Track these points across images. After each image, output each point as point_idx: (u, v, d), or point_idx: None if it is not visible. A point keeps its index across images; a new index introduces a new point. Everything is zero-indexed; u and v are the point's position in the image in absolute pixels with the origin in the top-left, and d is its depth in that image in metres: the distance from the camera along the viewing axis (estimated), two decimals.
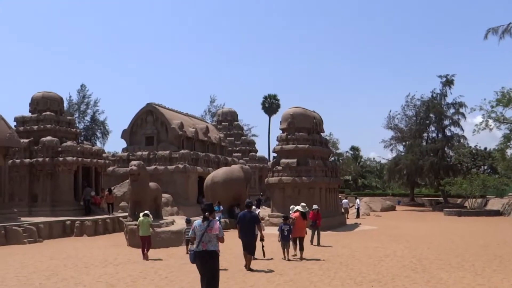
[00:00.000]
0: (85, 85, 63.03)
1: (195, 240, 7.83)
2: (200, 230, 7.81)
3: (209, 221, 7.84)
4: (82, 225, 22.04)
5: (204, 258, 7.71)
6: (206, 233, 7.74)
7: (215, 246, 7.83)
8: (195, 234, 7.86)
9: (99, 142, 62.08)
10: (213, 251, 7.77)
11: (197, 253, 7.77)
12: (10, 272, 11.92)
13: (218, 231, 7.86)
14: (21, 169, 25.33)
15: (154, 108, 35.23)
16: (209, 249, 7.73)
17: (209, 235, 7.76)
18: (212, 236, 7.77)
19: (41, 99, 27.10)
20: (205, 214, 7.95)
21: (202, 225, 7.85)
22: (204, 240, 7.73)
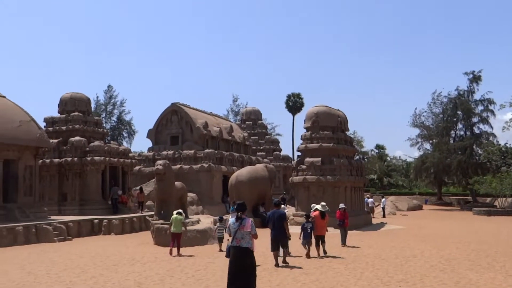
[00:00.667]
0: (112, 85, 64.10)
1: (230, 236, 8.42)
2: (234, 228, 8.35)
3: (242, 219, 8.35)
4: (109, 223, 22.41)
5: (237, 254, 8.23)
6: (239, 230, 8.25)
7: (248, 243, 8.28)
8: (230, 231, 8.44)
9: (125, 142, 63.01)
10: (246, 248, 8.25)
11: (232, 248, 8.36)
12: (42, 270, 12.21)
13: (250, 229, 8.33)
14: (51, 169, 25.91)
15: (179, 107, 35.56)
16: (242, 246, 8.23)
17: (242, 232, 8.26)
18: (245, 233, 8.26)
19: (69, 100, 27.66)
20: (238, 213, 8.45)
21: (235, 223, 8.37)
22: (237, 237, 8.27)
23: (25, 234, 18.61)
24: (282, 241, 12.78)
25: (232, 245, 8.37)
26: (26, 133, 21.68)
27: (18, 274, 11.61)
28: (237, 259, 8.20)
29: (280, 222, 12.74)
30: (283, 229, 12.76)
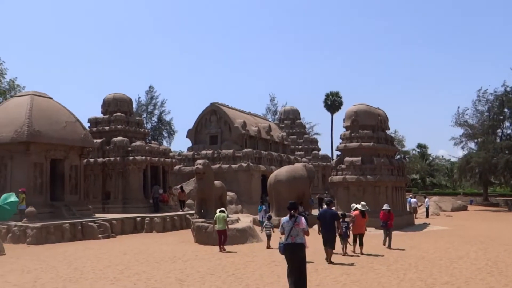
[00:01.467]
0: (153, 86, 65.37)
1: (284, 234, 9.00)
2: (288, 226, 8.95)
3: (296, 217, 8.97)
4: (151, 221, 22.84)
5: (292, 250, 8.84)
6: (294, 227, 8.87)
7: (302, 239, 8.91)
8: (284, 229, 9.02)
9: (166, 142, 64.13)
10: (300, 243, 8.88)
11: (287, 245, 8.92)
12: (87, 266, 12.58)
13: (304, 226, 8.97)
14: (95, 168, 26.65)
15: (218, 107, 35.89)
16: (297, 242, 8.84)
17: (296, 229, 8.87)
18: (299, 230, 8.88)
19: (112, 100, 28.38)
20: (291, 212, 9.07)
21: (289, 221, 8.98)
22: (292, 234, 8.86)
23: (71, 231, 19.22)
24: (333, 239, 13.35)
25: (286, 242, 8.92)
26: (71, 134, 22.38)
27: (66, 270, 12.00)
28: (292, 254, 8.84)
29: (332, 221, 13.38)
30: (334, 228, 13.44)
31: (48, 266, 12.64)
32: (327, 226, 13.33)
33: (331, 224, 13.37)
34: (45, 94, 23.45)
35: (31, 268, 12.33)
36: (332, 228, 13.38)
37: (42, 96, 22.92)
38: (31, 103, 21.50)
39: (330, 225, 13.35)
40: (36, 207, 19.47)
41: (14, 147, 20.85)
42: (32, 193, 20.56)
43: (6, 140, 20.68)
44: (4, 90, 42.34)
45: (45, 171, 21.48)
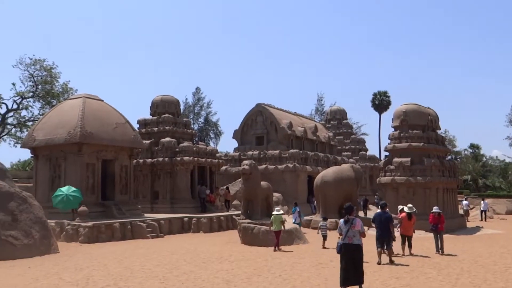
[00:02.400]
0: (199, 88, 66.24)
1: (341, 235, 9.54)
2: (345, 227, 9.48)
3: (352, 219, 9.52)
4: (198, 222, 23.12)
5: (349, 250, 9.36)
6: (350, 229, 9.40)
7: (359, 240, 9.47)
8: (341, 231, 9.55)
9: (212, 143, 64.79)
10: (357, 244, 9.43)
11: (344, 245, 9.43)
12: (137, 265, 12.85)
13: (360, 227, 9.49)
14: (144, 169, 27.27)
15: (264, 108, 35.96)
16: (354, 243, 9.40)
17: (353, 231, 9.41)
18: (356, 231, 9.42)
19: (160, 102, 28.98)
20: (347, 215, 9.62)
21: (347, 223, 9.51)
22: (349, 235, 9.41)
23: (121, 230, 19.73)
24: (387, 241, 13.58)
25: (344, 243, 9.44)
26: (122, 135, 22.99)
27: (116, 268, 12.31)
28: (349, 254, 9.34)
29: (387, 223, 13.67)
30: (389, 230, 13.64)
31: (100, 264, 13.01)
32: (382, 228, 13.63)
33: (386, 227, 13.64)
34: (97, 96, 24.20)
35: (84, 266, 12.72)
36: (386, 231, 13.64)
37: (94, 99, 23.66)
38: (83, 105, 22.23)
39: (384, 228, 13.63)
40: (88, 206, 20.15)
41: (68, 148, 21.63)
42: (84, 193, 21.25)
43: (60, 141, 21.48)
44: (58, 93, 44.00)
45: (96, 171, 22.17)
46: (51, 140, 21.78)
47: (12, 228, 14.44)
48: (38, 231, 15.08)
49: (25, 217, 14.98)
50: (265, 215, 19.80)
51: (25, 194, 15.76)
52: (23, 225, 14.77)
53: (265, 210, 20.09)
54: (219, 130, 66.25)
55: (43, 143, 22.06)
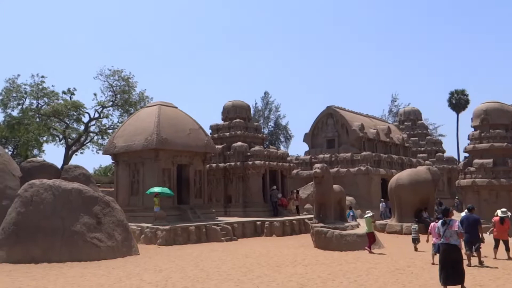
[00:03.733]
0: (268, 92, 66.78)
1: (439, 236, 10.22)
2: (443, 228, 10.02)
3: (449, 221, 10.04)
4: (271, 225, 23.24)
5: (447, 250, 9.86)
6: (447, 230, 9.92)
7: (456, 241, 9.89)
8: (439, 231, 10.15)
9: (283, 146, 64.98)
10: (454, 244, 9.86)
11: (441, 245, 10.02)
12: (212, 267, 13.14)
13: (457, 228, 9.94)
14: (217, 173, 27.86)
15: (334, 110, 35.57)
16: (451, 243, 9.86)
17: (450, 231, 9.89)
18: (453, 232, 9.88)
19: (231, 107, 29.51)
20: (444, 217, 10.23)
21: (444, 224, 10.04)
22: (446, 235, 9.93)
23: (196, 233, 20.26)
24: (476, 244, 13.66)
25: (442, 243, 10.00)
26: (195, 140, 23.66)
27: (193, 271, 12.66)
28: (447, 254, 9.82)
29: (475, 226, 13.77)
30: (477, 232, 13.72)
31: (177, 266, 13.43)
32: (470, 231, 13.58)
33: (474, 229, 13.71)
34: (171, 103, 25.07)
35: (162, 267, 13.20)
36: (474, 233, 13.69)
37: (168, 106, 24.53)
38: (159, 112, 23.11)
39: (472, 230, 13.66)
40: (165, 210, 20.91)
41: (145, 154, 22.57)
42: (161, 197, 22.07)
43: (138, 148, 22.46)
44: (135, 102, 46.10)
45: (172, 176, 22.94)
46: (130, 146, 22.83)
47: (96, 230, 15.26)
48: (120, 233, 15.83)
49: (108, 220, 15.79)
50: (338, 219, 19.54)
51: (108, 198, 16.60)
52: (106, 227, 15.57)
53: (338, 214, 19.81)
54: (289, 133, 66.41)
55: (122, 150, 23.18)
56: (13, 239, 14.42)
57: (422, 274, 11.92)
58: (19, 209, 14.91)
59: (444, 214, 10.38)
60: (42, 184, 15.47)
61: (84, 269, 12.92)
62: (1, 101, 42.83)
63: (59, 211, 14.96)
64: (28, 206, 14.90)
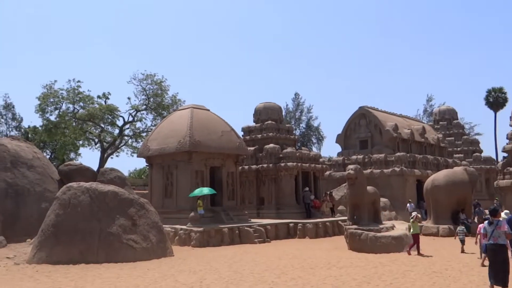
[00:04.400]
0: (298, 93, 66.53)
1: (487, 236, 10.12)
2: (490, 228, 10.03)
3: (497, 221, 10.07)
4: (304, 227, 23.12)
5: (494, 250, 9.92)
6: (495, 230, 9.94)
7: (504, 241, 9.90)
8: (486, 231, 10.14)
9: (315, 148, 64.62)
10: (502, 244, 9.89)
11: (489, 245, 10.04)
12: (246, 269, 13.16)
13: (506, 229, 9.96)
14: (249, 175, 27.92)
15: (367, 111, 35.15)
16: (499, 243, 9.89)
17: (498, 231, 9.92)
18: (501, 232, 9.92)
19: (263, 109, 29.54)
20: (492, 217, 10.25)
21: (491, 225, 10.06)
22: (494, 235, 9.95)
23: (230, 235, 20.35)
24: None
25: (489, 243, 10.02)
26: (227, 142, 23.79)
27: (227, 272, 12.71)
28: (494, 253, 9.89)
29: None
30: None
31: (211, 268, 13.51)
32: None
33: None
34: (203, 106, 25.29)
35: (197, 269, 13.30)
36: None
37: (201, 109, 24.76)
38: (191, 115, 23.35)
39: None
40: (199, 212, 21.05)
41: (179, 156, 22.82)
42: (194, 199, 22.26)
43: (172, 150, 22.74)
44: (168, 105, 46.74)
45: (205, 178, 23.12)
46: (163, 149, 23.14)
47: (132, 232, 15.51)
48: (155, 235, 16.05)
49: (143, 222, 16.02)
50: (372, 220, 19.28)
51: (143, 201, 16.86)
52: (141, 229, 15.81)
53: (372, 216, 19.55)
54: (321, 134, 65.98)
55: (156, 152, 23.52)
56: (52, 241, 14.81)
57: (460, 277, 11.63)
58: (57, 211, 15.30)
59: (492, 214, 10.37)
60: (80, 187, 15.84)
61: (120, 270, 13.15)
62: (39, 106, 44.13)
63: (95, 213, 15.29)
64: (66, 209, 15.28)
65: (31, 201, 19.35)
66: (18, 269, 13.62)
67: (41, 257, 14.60)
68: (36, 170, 20.40)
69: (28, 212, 19.01)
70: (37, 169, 20.48)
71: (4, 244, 17.35)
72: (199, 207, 21.07)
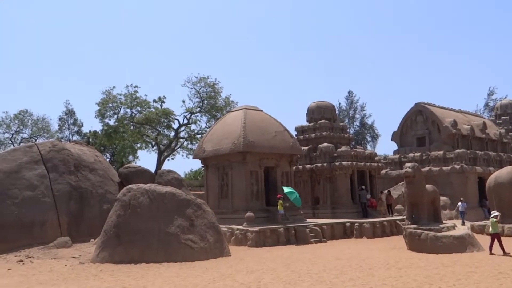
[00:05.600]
0: (352, 91, 65.62)
1: None
2: None
3: None
4: (361, 227, 22.76)
5: None
6: None
7: None
8: None
9: (369, 146, 63.54)
10: None
11: None
12: (303, 269, 13.11)
13: None
14: (303, 174, 27.80)
15: (424, 107, 34.18)
16: None
17: None
18: None
19: (316, 108, 29.34)
20: None
21: None
22: None
23: (285, 235, 20.36)
24: None
25: None
26: (281, 142, 23.79)
27: (284, 272, 12.71)
28: None
29: None
30: None
31: (268, 267, 13.55)
32: None
33: None
34: (256, 107, 25.42)
35: (254, 269, 13.38)
36: None
37: (253, 109, 24.90)
38: (245, 116, 23.53)
39: None
40: (253, 212, 21.20)
41: (233, 157, 23.06)
42: (250, 199, 22.43)
43: (226, 151, 23.02)
44: (221, 107, 47.39)
45: (260, 178, 23.22)
46: (218, 150, 23.46)
47: (190, 232, 15.83)
48: (212, 235, 16.30)
49: (200, 222, 16.31)
50: (432, 220, 18.70)
51: (199, 201, 17.16)
52: (199, 229, 16.10)
53: (432, 215, 18.97)
54: (376, 132, 64.79)
55: (211, 154, 23.88)
56: (114, 241, 15.36)
57: None
58: (118, 212, 15.85)
59: None
60: (139, 188, 16.33)
61: (180, 270, 13.45)
62: (99, 111, 45.93)
63: (154, 214, 15.72)
64: (126, 210, 15.80)
65: (93, 202, 20.13)
66: (83, 268, 14.22)
67: (104, 257, 15.16)
68: (98, 173, 21.20)
69: (91, 213, 19.79)
70: (98, 172, 21.28)
71: (70, 244, 18.15)
72: (279, 207, 21.75)
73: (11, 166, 19.34)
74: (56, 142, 22.54)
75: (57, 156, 20.42)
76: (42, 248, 17.58)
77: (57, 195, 19.36)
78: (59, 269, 13.93)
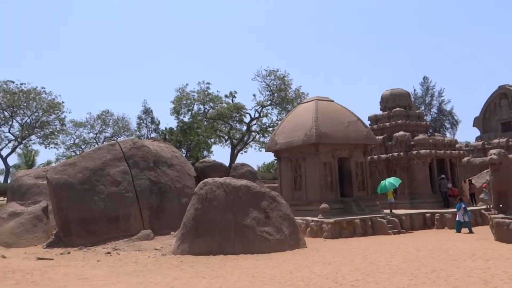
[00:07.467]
0: (427, 77, 62.94)
1: None
2: None
3: None
4: (442, 217, 21.83)
5: None
6: None
7: None
8: None
9: (449, 133, 60.79)
10: None
11: None
12: (382, 261, 12.75)
13: None
14: (378, 164, 27.08)
15: (509, 90, 32.18)
16: None
17: None
18: None
19: (390, 96, 28.43)
20: None
21: None
22: None
23: (362, 226, 19.94)
24: None
25: None
26: (354, 132, 23.30)
27: (362, 263, 12.44)
28: None
29: None
30: None
31: (346, 259, 13.33)
32: None
33: None
34: (327, 97, 25.05)
35: (331, 260, 13.22)
36: None
37: (325, 100, 24.55)
38: (316, 107, 23.27)
39: None
40: (328, 203, 20.93)
41: (305, 149, 22.91)
42: (324, 190, 22.20)
43: (298, 143, 22.91)
44: (292, 99, 47.33)
45: (333, 169, 22.91)
46: (290, 142, 23.40)
47: (265, 224, 15.94)
48: (287, 227, 16.30)
49: (275, 214, 16.37)
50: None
51: (274, 193, 17.22)
52: (274, 221, 16.16)
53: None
54: (455, 119, 61.78)
55: (283, 146, 23.87)
56: (193, 233, 15.80)
57: None
58: (196, 206, 16.27)
59: None
60: (215, 182, 16.66)
61: (257, 261, 13.57)
62: (174, 108, 47.46)
63: (230, 207, 15.98)
64: (204, 203, 16.18)
65: (172, 196, 20.84)
66: (165, 259, 14.76)
67: (184, 249, 15.64)
68: (175, 168, 21.90)
69: (170, 207, 20.52)
70: (176, 167, 21.98)
71: (152, 236, 18.93)
72: (389, 196, 22.73)
73: (97, 164, 20.45)
74: (136, 139, 23.52)
75: (138, 153, 21.33)
76: (127, 240, 18.49)
77: (139, 190, 20.27)
78: (143, 261, 14.56)
